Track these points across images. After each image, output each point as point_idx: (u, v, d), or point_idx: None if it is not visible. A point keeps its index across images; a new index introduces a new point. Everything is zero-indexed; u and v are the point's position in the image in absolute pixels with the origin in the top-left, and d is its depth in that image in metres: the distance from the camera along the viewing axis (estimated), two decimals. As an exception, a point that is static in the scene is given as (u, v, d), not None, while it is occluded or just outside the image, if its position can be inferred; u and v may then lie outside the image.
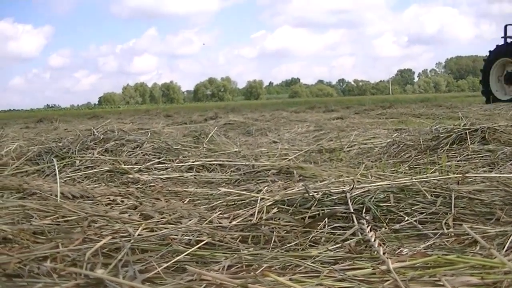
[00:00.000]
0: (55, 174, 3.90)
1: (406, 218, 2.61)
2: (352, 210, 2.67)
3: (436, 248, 2.23)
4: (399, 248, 2.23)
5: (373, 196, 2.85)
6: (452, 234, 2.38)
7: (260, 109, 22.34)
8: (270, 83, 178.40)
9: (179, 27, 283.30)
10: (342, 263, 2.04)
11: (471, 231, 2.07)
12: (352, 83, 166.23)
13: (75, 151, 4.92)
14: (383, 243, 2.28)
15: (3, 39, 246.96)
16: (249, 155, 5.33)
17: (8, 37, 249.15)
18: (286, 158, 5.30)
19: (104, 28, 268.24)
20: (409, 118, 11.44)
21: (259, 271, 1.88)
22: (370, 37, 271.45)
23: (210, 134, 6.66)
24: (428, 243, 2.29)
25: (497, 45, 19.69)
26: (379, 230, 2.51)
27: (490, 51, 19.93)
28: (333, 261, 2.09)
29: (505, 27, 19.72)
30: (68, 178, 4.19)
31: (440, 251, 2.14)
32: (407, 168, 4.49)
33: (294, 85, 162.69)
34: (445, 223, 2.51)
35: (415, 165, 4.56)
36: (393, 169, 4.46)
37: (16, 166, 4.57)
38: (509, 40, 19.56)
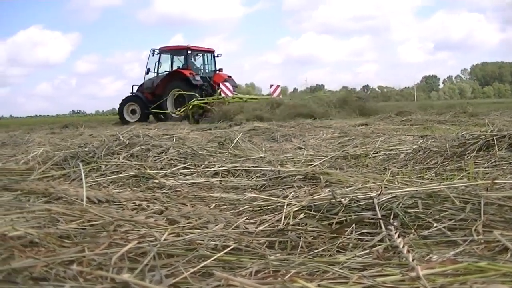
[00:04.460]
0: (81, 179, 3.90)
1: (435, 225, 2.57)
2: (379, 216, 2.64)
3: (466, 255, 2.19)
4: (428, 255, 2.20)
5: (400, 202, 2.81)
6: (482, 241, 2.34)
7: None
8: (295, 89, 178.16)
9: (205, 34, 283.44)
10: (370, 269, 2.02)
11: (502, 238, 2.04)
12: (377, 89, 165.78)
13: (101, 156, 4.93)
14: (411, 250, 2.25)
15: (32, 45, 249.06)
16: (274, 160, 5.31)
17: (36, 43, 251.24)
18: (311, 164, 5.28)
19: (130, 35, 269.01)
20: (434, 124, 11.36)
21: (287, 276, 1.86)
22: (395, 43, 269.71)
23: (236, 140, 6.64)
24: (458, 250, 2.25)
25: None
26: (407, 237, 2.47)
27: None
28: (361, 267, 2.06)
29: None
30: (94, 183, 4.19)
31: (470, 258, 2.10)
32: (433, 174, 4.44)
33: (319, 91, 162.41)
34: (475, 229, 2.47)
35: (442, 172, 4.52)
36: (419, 175, 4.42)
37: (42, 171, 4.58)
38: None
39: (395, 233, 2.43)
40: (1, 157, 6.69)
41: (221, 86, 24.82)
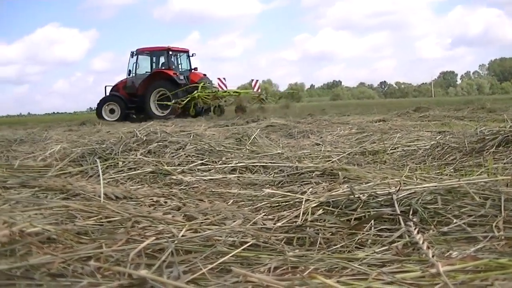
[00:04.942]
0: (98, 175, 3.90)
1: (455, 221, 2.54)
2: (398, 212, 2.62)
3: (487, 251, 2.16)
4: (448, 251, 2.17)
5: (419, 198, 2.79)
6: (503, 237, 2.31)
7: (302, 112, 22.24)
8: (312, 86, 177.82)
9: (221, 31, 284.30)
10: (389, 265, 2.00)
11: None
12: (394, 85, 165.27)
13: (118, 152, 4.93)
14: (431, 246, 2.22)
15: (49, 43, 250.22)
16: (292, 157, 5.30)
17: (53, 41, 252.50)
18: (329, 160, 5.26)
19: (147, 32, 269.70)
20: (452, 120, 11.30)
21: (305, 273, 1.84)
22: (413, 39, 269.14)
23: (253, 136, 6.63)
24: (478, 246, 2.22)
25: None
26: (427, 233, 2.45)
27: None
28: (381, 263, 2.05)
29: None
30: (111, 179, 4.20)
31: (491, 255, 2.07)
32: (452, 170, 4.41)
33: (336, 87, 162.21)
34: (495, 226, 2.45)
35: (461, 168, 4.48)
36: (437, 171, 4.39)
37: (60, 167, 4.59)
38: None
39: (415, 229, 2.41)
40: (19, 154, 6.71)
41: (218, 81, 26.92)
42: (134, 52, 27.08)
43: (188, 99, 24.66)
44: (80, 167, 4.61)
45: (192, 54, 28.22)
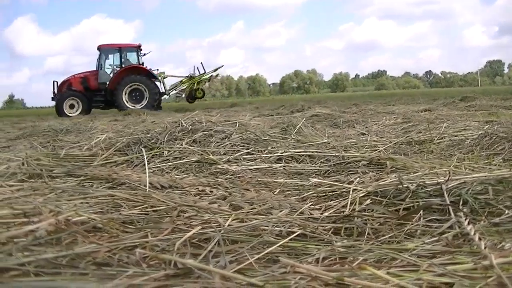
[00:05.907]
0: (144, 165, 3.91)
1: (506, 212, 2.48)
2: (448, 202, 2.57)
3: (541, 243, 2.11)
4: (500, 243, 2.12)
5: (469, 188, 2.73)
6: (558, 229, 2.26)
7: (346, 102, 22.16)
8: (356, 76, 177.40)
9: (266, 20, 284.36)
10: (440, 257, 1.95)
11: None
12: (440, 75, 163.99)
13: (164, 141, 4.94)
14: (483, 237, 2.17)
15: (95, 34, 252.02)
16: (338, 146, 5.26)
17: (99, 32, 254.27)
18: (375, 150, 5.21)
19: (191, 23, 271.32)
20: (500, 110, 11.16)
21: (355, 264, 1.81)
22: (459, 27, 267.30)
23: (298, 126, 6.60)
24: (532, 238, 2.17)
25: None
26: (478, 224, 2.39)
27: None
28: (431, 254, 2.00)
29: None
30: (157, 169, 4.20)
31: (546, 246, 2.02)
32: (501, 160, 4.34)
33: (381, 77, 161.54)
34: (549, 216, 2.39)
35: (510, 157, 4.41)
36: (486, 161, 4.32)
37: (105, 157, 4.60)
38: None
39: (465, 220, 2.35)
40: (65, 144, 6.77)
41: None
42: (99, 48, 28.54)
43: (184, 88, 29.29)
44: (125, 157, 4.63)
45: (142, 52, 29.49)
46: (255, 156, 4.63)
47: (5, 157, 4.78)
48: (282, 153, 4.66)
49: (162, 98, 28.93)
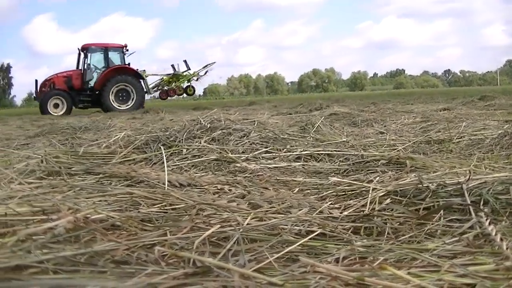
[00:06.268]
0: (162, 162, 3.91)
1: (528, 212, 2.47)
2: (469, 202, 2.54)
3: None
4: (522, 243, 2.10)
5: (490, 188, 2.70)
6: None
7: (365, 100, 22.13)
8: (375, 74, 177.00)
9: (285, 19, 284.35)
10: (461, 257, 1.93)
11: None
12: (459, 74, 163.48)
13: (182, 140, 4.93)
14: (504, 238, 2.15)
15: (114, 32, 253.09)
16: (357, 145, 5.24)
17: (118, 30, 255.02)
18: (394, 149, 5.19)
19: (210, 21, 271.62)
20: (520, 109, 11.09)
21: (375, 264, 1.79)
22: (478, 26, 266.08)
23: (317, 124, 6.58)
24: (555, 239, 2.15)
25: None
26: (499, 224, 2.37)
27: None
28: (451, 255, 1.98)
29: None
30: (175, 167, 4.20)
31: None
32: (522, 160, 4.31)
33: (399, 76, 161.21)
34: None
35: (531, 158, 4.38)
36: (506, 161, 4.29)
37: (124, 154, 4.60)
38: None
39: (486, 220, 2.33)
40: (84, 141, 6.79)
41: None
42: (83, 49, 28.71)
43: (178, 85, 31.01)
44: (144, 154, 4.62)
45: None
46: (273, 154, 4.62)
47: (24, 154, 4.80)
48: (301, 151, 4.65)
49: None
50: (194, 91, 32.27)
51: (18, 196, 2.96)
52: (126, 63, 28.94)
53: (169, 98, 32.62)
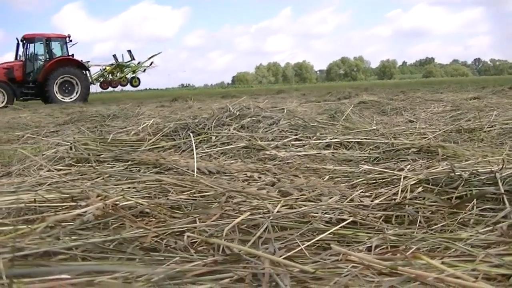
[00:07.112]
0: (191, 150, 3.90)
1: None
2: (503, 191, 2.50)
3: None
4: (558, 234, 2.06)
5: (524, 177, 2.66)
6: None
7: (394, 89, 22.01)
8: (404, 63, 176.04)
9: (314, 7, 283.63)
10: (495, 247, 1.89)
11: None
12: (489, 62, 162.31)
13: (211, 127, 4.92)
14: (539, 228, 2.11)
15: (142, 20, 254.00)
16: (386, 133, 5.20)
17: (146, 18, 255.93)
18: (424, 137, 5.14)
19: (239, 9, 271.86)
20: (553, 98, 10.98)
21: (408, 253, 1.76)
22: (509, 14, 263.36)
23: (346, 112, 6.54)
24: None
25: None
26: (533, 213, 2.33)
27: None
28: (485, 244, 1.94)
29: None
30: (204, 154, 4.19)
31: None
32: (554, 148, 4.24)
33: (428, 64, 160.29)
34: None
35: None
36: (539, 150, 4.23)
37: (153, 142, 4.60)
38: None
39: (520, 209, 2.29)
40: (113, 129, 6.80)
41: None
42: (24, 38, 27.59)
43: (122, 77, 31.49)
44: (172, 142, 4.62)
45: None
46: (303, 142, 4.60)
47: (54, 141, 4.82)
48: (331, 139, 4.61)
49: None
50: (139, 82, 32.22)
51: (47, 182, 2.97)
52: (70, 54, 28.16)
53: (110, 88, 32.57)
